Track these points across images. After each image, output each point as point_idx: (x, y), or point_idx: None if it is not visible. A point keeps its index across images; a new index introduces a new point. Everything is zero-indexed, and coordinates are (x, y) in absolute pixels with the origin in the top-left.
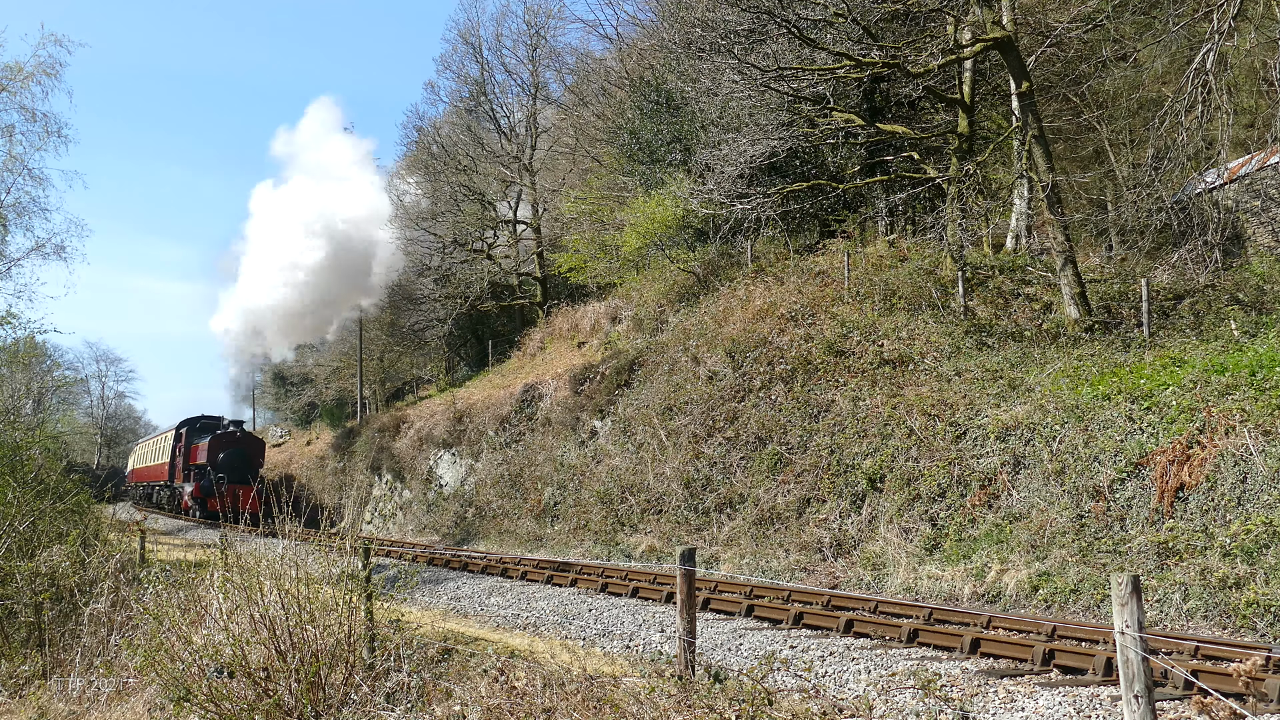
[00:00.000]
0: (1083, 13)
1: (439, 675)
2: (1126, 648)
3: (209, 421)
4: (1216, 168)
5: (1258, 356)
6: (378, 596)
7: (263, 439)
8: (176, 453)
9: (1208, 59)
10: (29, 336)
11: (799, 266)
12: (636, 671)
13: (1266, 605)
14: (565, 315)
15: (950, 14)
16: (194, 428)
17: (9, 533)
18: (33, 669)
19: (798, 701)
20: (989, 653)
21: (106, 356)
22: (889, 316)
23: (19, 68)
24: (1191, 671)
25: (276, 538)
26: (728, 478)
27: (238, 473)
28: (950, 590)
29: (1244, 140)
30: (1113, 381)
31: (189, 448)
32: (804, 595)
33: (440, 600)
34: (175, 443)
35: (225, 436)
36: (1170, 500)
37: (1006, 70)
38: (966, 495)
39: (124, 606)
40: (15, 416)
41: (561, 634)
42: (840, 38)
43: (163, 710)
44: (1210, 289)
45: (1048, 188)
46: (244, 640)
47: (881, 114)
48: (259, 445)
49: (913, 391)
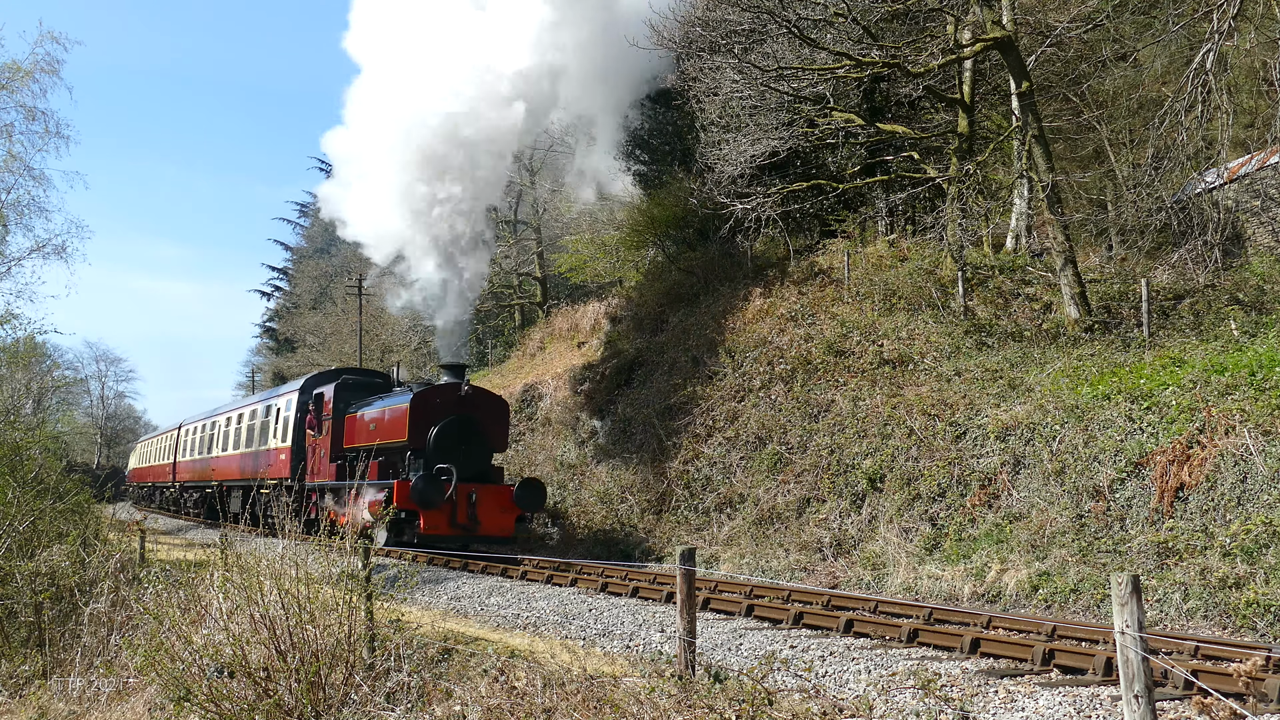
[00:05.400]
0: (1083, 13)
1: (439, 675)
2: (1126, 648)
3: (362, 378)
4: (1216, 168)
5: (1258, 356)
6: (378, 596)
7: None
8: (307, 428)
9: (1208, 59)
10: (29, 336)
11: (799, 266)
12: (637, 671)
13: (1266, 605)
14: (565, 315)
15: (950, 14)
16: (343, 386)
17: (9, 533)
18: (33, 669)
19: (798, 701)
20: (989, 653)
21: (106, 356)
22: (889, 316)
23: (17, 66)
24: (1191, 671)
25: (276, 537)
26: (728, 478)
27: (472, 460)
28: (950, 590)
29: (1244, 140)
30: (1113, 381)
31: (341, 419)
32: (804, 595)
33: (440, 600)
34: (300, 413)
35: (440, 394)
36: (1170, 500)
37: (1006, 70)
38: (966, 495)
39: (124, 606)
40: (15, 416)
41: (561, 634)
42: (840, 38)
43: (163, 710)
44: (1210, 289)
45: (1048, 188)
46: (244, 640)
47: (881, 114)
48: (502, 410)
49: (913, 391)
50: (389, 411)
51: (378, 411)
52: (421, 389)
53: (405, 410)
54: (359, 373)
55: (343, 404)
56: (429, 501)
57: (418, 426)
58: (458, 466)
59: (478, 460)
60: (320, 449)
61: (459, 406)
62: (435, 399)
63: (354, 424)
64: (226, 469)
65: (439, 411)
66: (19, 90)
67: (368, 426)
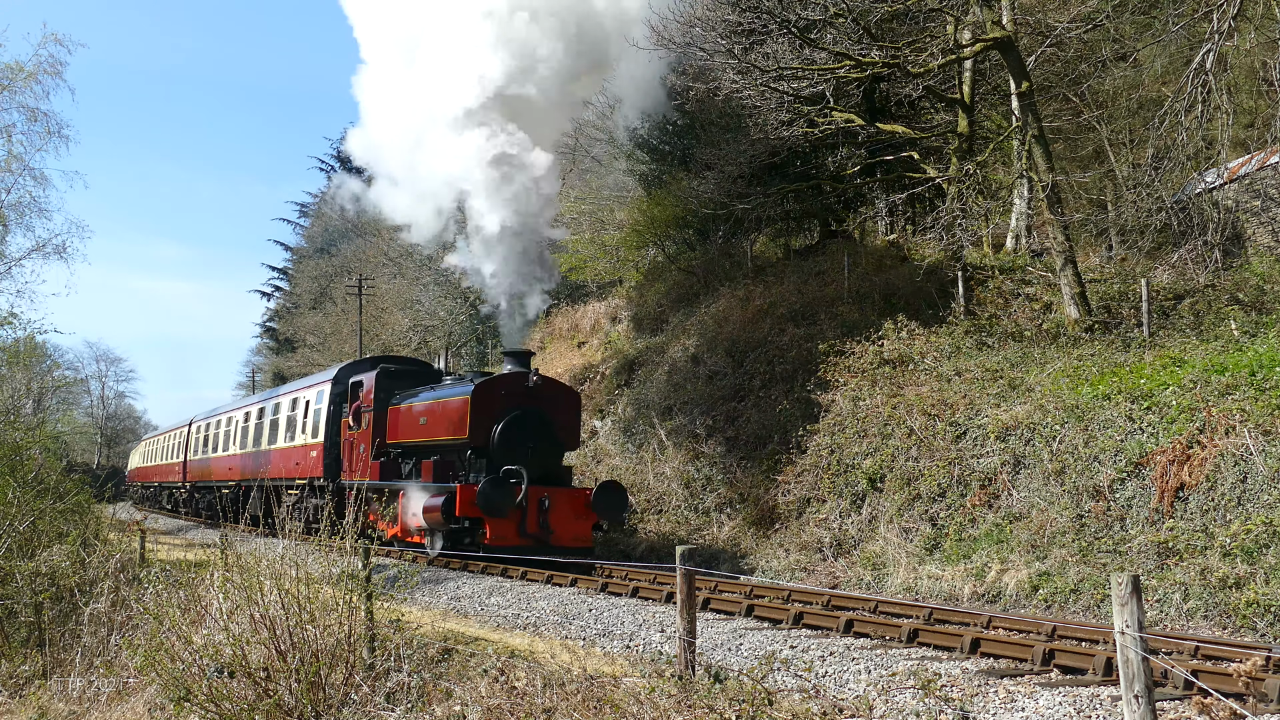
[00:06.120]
0: (1083, 13)
1: (439, 675)
2: (1126, 648)
3: (403, 366)
4: (1216, 168)
5: (1258, 356)
6: (378, 596)
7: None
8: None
9: (1208, 59)
10: (29, 336)
11: (799, 266)
12: (636, 671)
13: (1266, 605)
14: (565, 315)
15: (950, 14)
16: (385, 375)
17: (9, 533)
18: (33, 669)
19: (798, 701)
20: (989, 653)
21: (106, 356)
22: (889, 316)
23: (20, 67)
24: (1191, 671)
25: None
26: (728, 478)
27: (542, 460)
28: (950, 590)
29: (1244, 140)
30: (1113, 381)
31: (383, 411)
32: (804, 595)
33: (440, 600)
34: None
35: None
36: (1170, 500)
37: (1006, 70)
38: (966, 495)
39: (124, 606)
40: (15, 416)
41: (561, 634)
42: (840, 38)
43: (163, 710)
44: (1210, 289)
45: (1048, 188)
46: (244, 640)
47: (881, 114)
48: (573, 403)
49: (913, 391)
50: (444, 403)
51: (429, 403)
52: (482, 378)
53: (465, 402)
54: (399, 360)
55: (384, 394)
56: (497, 508)
57: (480, 421)
58: (531, 469)
59: (548, 460)
60: (360, 444)
61: (526, 399)
62: (500, 389)
63: (398, 417)
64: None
65: (504, 404)
66: (21, 91)
67: (416, 420)
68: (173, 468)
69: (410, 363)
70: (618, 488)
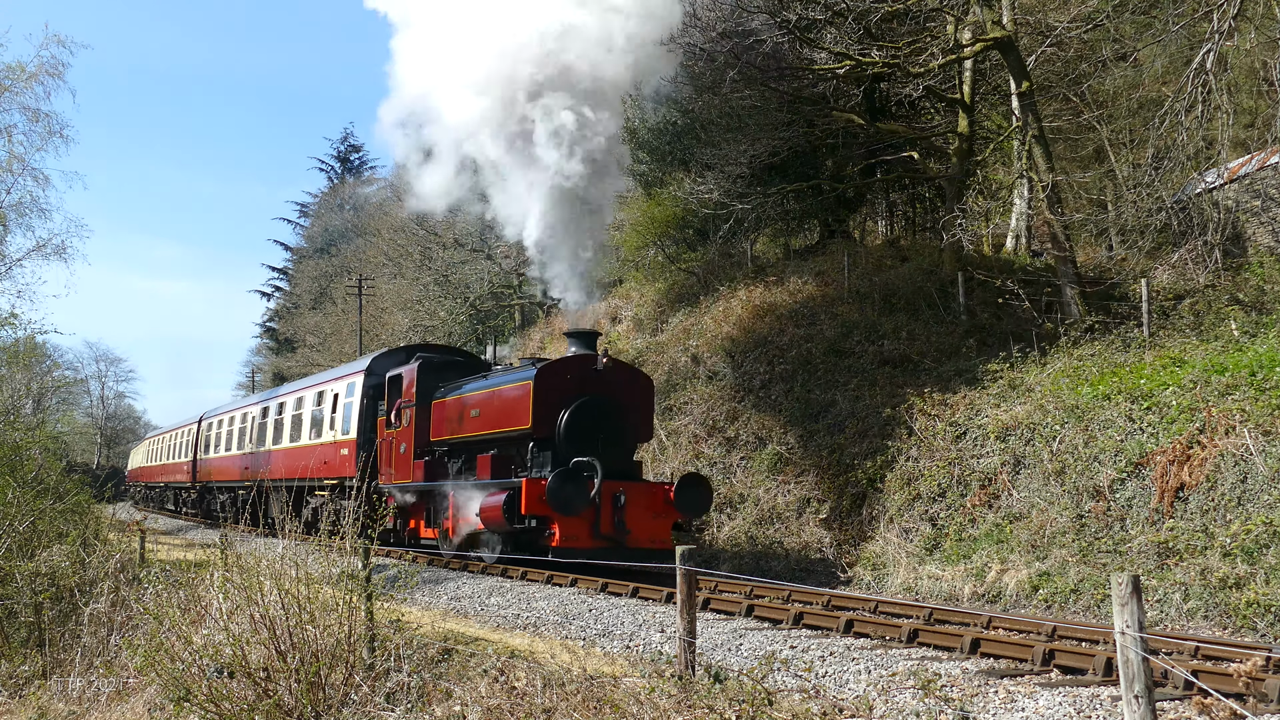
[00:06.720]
0: (1083, 13)
1: (439, 675)
2: (1126, 648)
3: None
4: (1216, 168)
5: (1258, 356)
6: (378, 596)
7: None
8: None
9: (1208, 59)
10: (29, 336)
11: (799, 266)
12: (636, 671)
13: (1266, 605)
14: (565, 315)
15: (950, 14)
16: (427, 367)
17: (9, 533)
18: (33, 669)
19: (798, 701)
20: (989, 653)
21: (106, 356)
22: (889, 316)
23: (21, 68)
24: (1191, 671)
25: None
26: (728, 478)
27: (613, 452)
28: (950, 590)
29: (1244, 140)
30: (1113, 381)
31: (426, 405)
32: (804, 595)
33: (440, 600)
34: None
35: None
36: (1170, 500)
37: (1006, 70)
38: (966, 495)
39: (124, 606)
40: (15, 416)
41: (561, 634)
42: (840, 38)
43: (163, 710)
44: (1210, 289)
45: (1048, 188)
46: (244, 640)
47: (881, 114)
48: (646, 390)
49: (913, 391)
50: (502, 392)
51: (484, 393)
52: (544, 363)
53: (528, 389)
54: (437, 350)
55: (426, 388)
56: (569, 504)
57: (543, 410)
58: (604, 462)
59: (620, 452)
60: (400, 443)
61: (595, 385)
62: (565, 373)
63: (444, 411)
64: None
65: (570, 391)
66: (22, 92)
67: (468, 413)
68: (180, 467)
69: (452, 352)
70: (702, 481)
